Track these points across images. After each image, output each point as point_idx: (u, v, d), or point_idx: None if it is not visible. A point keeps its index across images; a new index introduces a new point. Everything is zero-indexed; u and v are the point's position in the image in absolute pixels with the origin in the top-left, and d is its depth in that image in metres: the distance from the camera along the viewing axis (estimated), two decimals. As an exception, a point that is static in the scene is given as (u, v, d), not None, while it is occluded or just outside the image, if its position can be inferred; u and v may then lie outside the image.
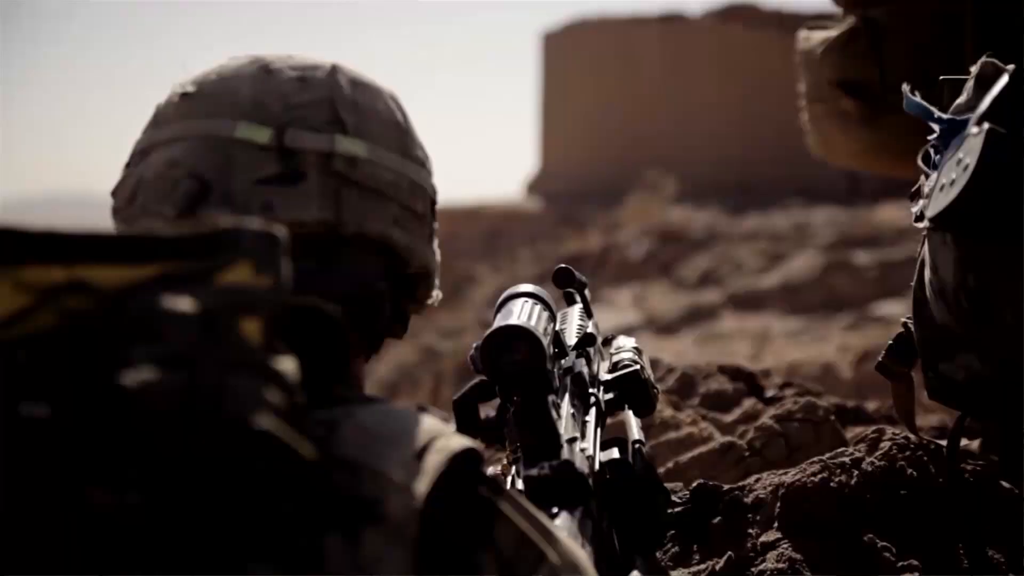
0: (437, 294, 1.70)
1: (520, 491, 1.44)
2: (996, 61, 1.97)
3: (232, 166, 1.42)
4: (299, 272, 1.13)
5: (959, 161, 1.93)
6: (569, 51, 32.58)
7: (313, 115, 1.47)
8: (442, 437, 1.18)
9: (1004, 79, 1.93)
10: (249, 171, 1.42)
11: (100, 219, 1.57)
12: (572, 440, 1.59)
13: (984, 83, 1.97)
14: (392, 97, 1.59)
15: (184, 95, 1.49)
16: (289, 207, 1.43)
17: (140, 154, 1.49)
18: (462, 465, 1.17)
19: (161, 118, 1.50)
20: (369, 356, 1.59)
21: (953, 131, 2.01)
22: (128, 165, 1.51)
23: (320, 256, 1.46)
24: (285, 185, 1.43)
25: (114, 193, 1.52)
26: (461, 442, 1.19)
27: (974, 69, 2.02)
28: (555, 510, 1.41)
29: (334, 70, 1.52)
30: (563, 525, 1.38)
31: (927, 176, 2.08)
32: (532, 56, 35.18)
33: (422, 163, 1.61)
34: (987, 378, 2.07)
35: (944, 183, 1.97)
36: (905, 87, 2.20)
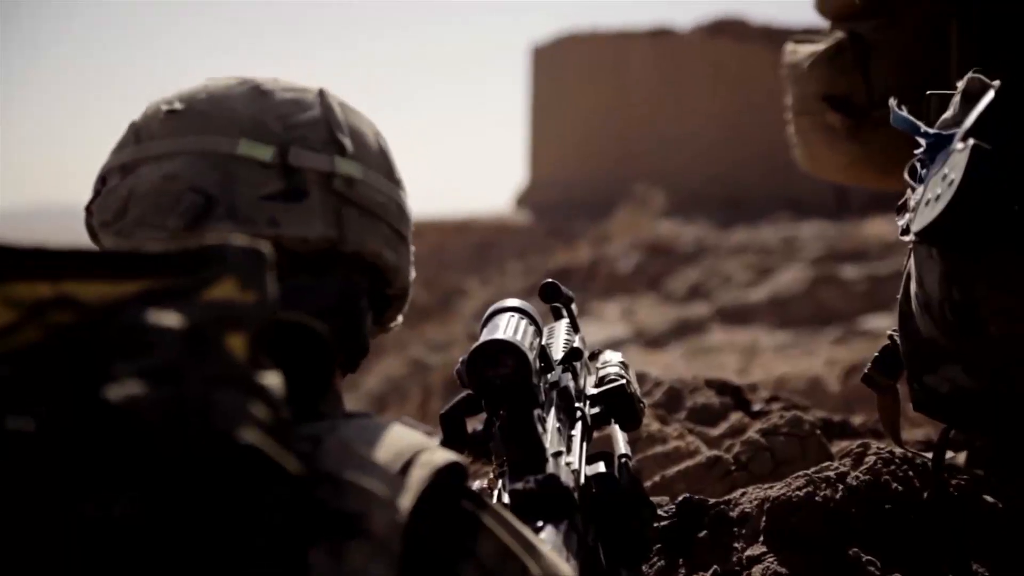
0: (400, 319, 1.74)
1: (506, 505, 1.44)
2: (982, 77, 1.98)
3: (235, 182, 1.44)
4: (291, 287, 1.14)
5: (944, 176, 1.94)
6: (559, 64, 32.64)
7: (312, 136, 1.50)
8: (426, 451, 1.19)
9: (990, 95, 1.94)
10: (253, 187, 1.45)
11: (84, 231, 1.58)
12: (557, 454, 1.59)
13: (970, 98, 1.99)
14: (373, 123, 1.63)
15: (171, 112, 1.50)
16: (294, 223, 1.45)
17: (122, 169, 1.50)
18: (446, 479, 1.18)
19: (145, 134, 1.51)
20: (346, 373, 1.61)
21: (939, 146, 2.02)
22: (104, 180, 1.52)
23: (314, 272, 1.48)
24: (289, 202, 1.46)
25: (91, 208, 1.53)
26: (445, 456, 1.20)
27: (960, 84, 2.03)
28: (540, 524, 1.41)
29: (323, 94, 1.56)
30: (548, 539, 1.38)
31: (913, 190, 2.10)
32: (522, 68, 35.23)
33: (403, 188, 1.64)
34: (972, 390, 2.08)
35: (930, 198, 1.98)
36: (892, 101, 2.21)
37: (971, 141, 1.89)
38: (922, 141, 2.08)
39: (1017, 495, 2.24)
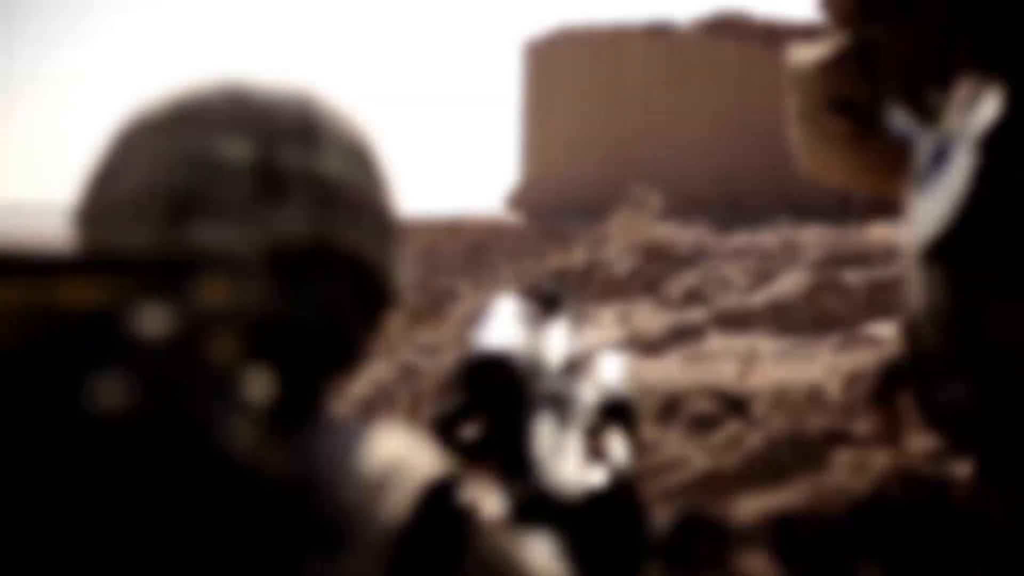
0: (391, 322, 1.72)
1: (497, 515, 1.42)
2: (987, 83, 1.96)
3: (215, 183, 1.42)
4: (279, 290, 1.12)
5: (947, 186, 1.93)
6: (553, 61, 32.70)
7: (294, 133, 1.48)
8: (417, 461, 1.18)
9: (995, 102, 1.92)
10: (234, 188, 1.42)
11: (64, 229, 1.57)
12: (552, 462, 1.57)
13: (975, 105, 1.97)
14: (359, 119, 1.60)
15: (152, 115, 1.48)
16: (276, 223, 1.43)
17: (105, 174, 1.48)
18: (436, 490, 1.17)
19: (126, 137, 1.49)
20: (335, 379, 1.59)
21: (941, 153, 2.00)
22: (88, 186, 1.50)
23: (300, 274, 1.46)
24: (271, 201, 1.43)
25: (78, 213, 1.51)
26: (436, 467, 1.19)
27: (964, 91, 2.01)
28: (533, 534, 1.39)
29: (306, 91, 1.54)
30: (540, 550, 1.37)
31: (916, 198, 2.08)
32: (516, 65, 35.27)
33: (390, 186, 1.62)
34: (976, 403, 2.06)
35: (932, 207, 1.97)
36: (892, 108, 2.19)
37: (975, 150, 1.88)
38: (924, 148, 2.07)
39: (1017, 504, 2.22)
